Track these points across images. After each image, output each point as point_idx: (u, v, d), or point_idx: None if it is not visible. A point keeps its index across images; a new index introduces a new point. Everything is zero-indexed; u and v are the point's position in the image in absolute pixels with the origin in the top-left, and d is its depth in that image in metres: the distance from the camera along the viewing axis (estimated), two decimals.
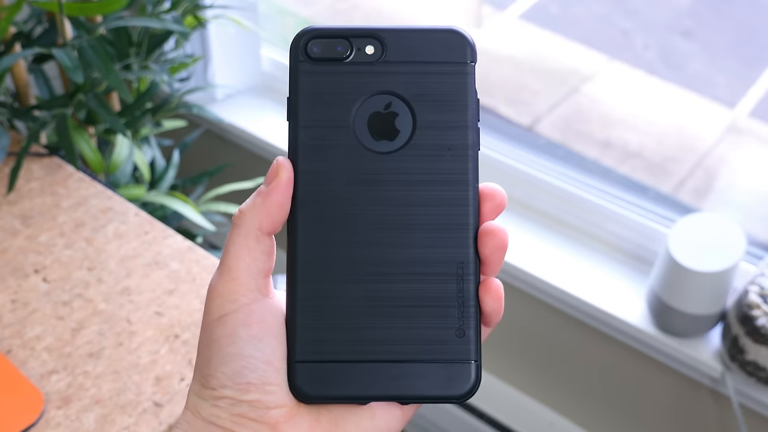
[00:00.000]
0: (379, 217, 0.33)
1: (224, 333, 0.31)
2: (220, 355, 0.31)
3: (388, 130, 0.33)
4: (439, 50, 0.34)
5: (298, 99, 0.33)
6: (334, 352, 0.32)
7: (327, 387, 0.32)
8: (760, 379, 0.97)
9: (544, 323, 1.22)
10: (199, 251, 0.75)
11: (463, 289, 0.33)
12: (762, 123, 1.53)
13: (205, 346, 0.32)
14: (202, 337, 0.32)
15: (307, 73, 0.33)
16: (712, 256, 0.97)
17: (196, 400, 0.32)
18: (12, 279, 0.71)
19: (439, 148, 0.33)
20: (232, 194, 1.21)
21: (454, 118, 0.34)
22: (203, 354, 0.32)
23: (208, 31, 1.37)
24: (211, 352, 0.31)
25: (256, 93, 1.50)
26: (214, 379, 0.31)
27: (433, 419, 1.39)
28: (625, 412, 1.22)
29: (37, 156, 0.86)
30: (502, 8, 1.85)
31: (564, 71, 1.66)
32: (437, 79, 0.34)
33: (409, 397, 0.32)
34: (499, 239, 0.33)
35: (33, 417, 0.59)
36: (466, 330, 0.33)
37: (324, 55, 0.33)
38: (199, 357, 0.32)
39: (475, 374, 0.33)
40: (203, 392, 0.32)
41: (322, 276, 0.32)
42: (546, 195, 1.22)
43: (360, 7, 1.87)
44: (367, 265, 0.33)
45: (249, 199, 0.33)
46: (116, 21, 0.87)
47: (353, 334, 0.32)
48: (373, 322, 0.33)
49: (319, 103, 0.33)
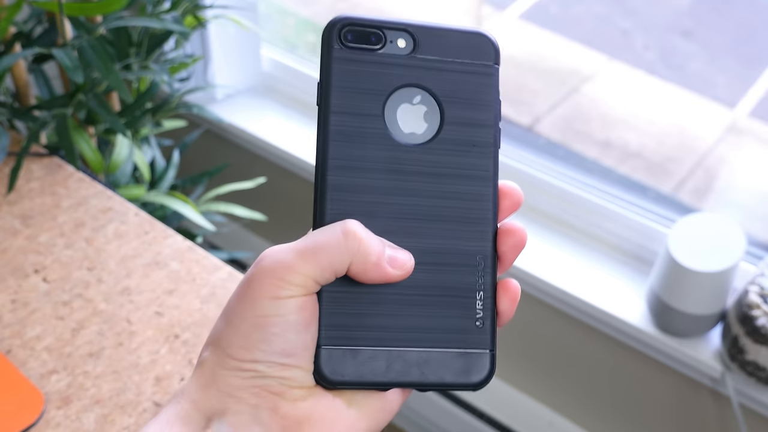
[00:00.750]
0: (405, 206, 0.33)
1: (274, 314, 0.31)
2: (263, 333, 0.31)
3: (416, 122, 0.34)
4: (467, 50, 0.35)
5: (331, 84, 0.33)
6: (358, 338, 0.32)
7: (350, 373, 0.32)
8: (760, 379, 0.97)
9: (544, 323, 1.22)
10: (199, 251, 0.75)
11: (483, 281, 0.34)
12: (762, 123, 1.53)
13: (245, 318, 0.31)
14: (243, 308, 0.32)
15: (340, 59, 0.33)
16: (712, 256, 0.97)
17: (214, 369, 0.32)
18: (12, 279, 0.71)
19: (465, 144, 0.34)
20: (232, 194, 1.21)
21: (480, 116, 0.34)
22: (240, 326, 0.32)
23: (208, 31, 1.37)
24: (254, 327, 0.31)
25: (256, 93, 1.50)
26: (247, 352, 0.31)
27: (433, 419, 1.39)
28: (625, 411, 1.22)
29: (37, 156, 0.86)
30: (502, 8, 1.85)
31: (564, 71, 1.65)
32: (465, 78, 0.34)
33: (429, 384, 0.33)
34: (519, 238, 0.34)
35: (33, 417, 0.59)
36: (485, 320, 0.34)
37: (358, 44, 0.34)
38: (232, 327, 0.32)
39: (491, 363, 0.34)
40: (227, 362, 0.32)
41: None
42: (546, 195, 1.22)
43: (360, 7, 1.87)
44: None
45: (371, 237, 0.32)
46: (116, 21, 0.87)
47: (376, 321, 0.33)
48: (395, 309, 0.33)
49: (351, 90, 0.33)
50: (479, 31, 0.35)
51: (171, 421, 0.32)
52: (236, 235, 1.61)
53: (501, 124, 0.35)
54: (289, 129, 1.42)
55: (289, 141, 1.38)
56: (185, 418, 0.32)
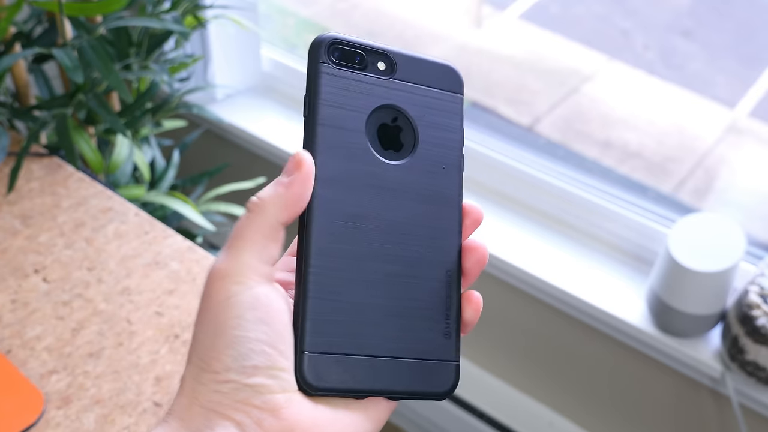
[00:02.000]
0: (384, 221, 0.35)
1: (230, 315, 0.31)
2: (226, 338, 0.31)
3: (393, 141, 0.36)
4: (438, 80, 0.37)
5: (318, 97, 0.35)
6: (340, 345, 0.33)
7: (331, 379, 0.32)
8: (760, 379, 0.97)
9: (544, 323, 1.22)
10: (199, 251, 0.75)
11: (451, 294, 0.36)
12: (762, 123, 1.53)
13: (206, 328, 0.31)
14: (203, 320, 0.32)
15: (327, 74, 0.35)
16: (712, 256, 0.97)
17: (193, 385, 0.31)
18: (12, 279, 0.71)
19: (437, 164, 0.37)
20: (232, 194, 1.21)
21: (449, 139, 0.37)
22: (204, 337, 0.31)
23: (208, 31, 1.37)
24: (215, 334, 0.31)
25: (256, 93, 1.50)
26: (217, 362, 0.31)
27: (433, 419, 1.39)
28: (625, 411, 1.22)
29: (37, 156, 0.86)
30: (502, 8, 1.85)
31: (564, 71, 1.65)
32: (436, 104, 0.37)
33: (402, 393, 0.34)
34: (480, 254, 0.36)
35: (33, 417, 0.59)
36: (452, 332, 0.36)
37: (343, 62, 0.35)
38: (197, 342, 0.32)
39: (456, 373, 0.35)
40: (203, 377, 0.31)
41: (332, 272, 0.33)
42: (546, 195, 1.22)
43: (360, 7, 1.87)
44: (371, 265, 0.34)
45: (269, 188, 0.33)
46: (116, 21, 0.87)
47: (357, 329, 0.33)
48: (375, 319, 0.34)
49: (336, 105, 0.35)
50: (448, 64, 0.38)
51: None
52: None
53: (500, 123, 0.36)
54: (289, 129, 1.42)
55: (289, 141, 1.38)
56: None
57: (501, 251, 1.16)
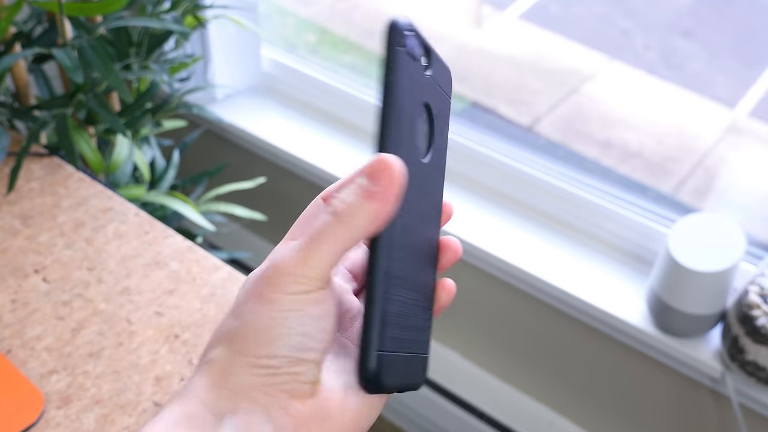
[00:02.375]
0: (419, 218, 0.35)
1: (294, 309, 0.31)
2: (282, 329, 0.31)
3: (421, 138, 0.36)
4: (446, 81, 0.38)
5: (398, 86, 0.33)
6: (402, 344, 0.34)
7: (394, 377, 0.33)
8: (760, 379, 0.97)
9: (544, 323, 1.22)
10: (199, 251, 0.75)
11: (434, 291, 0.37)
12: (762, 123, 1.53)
13: (261, 316, 0.32)
14: (257, 307, 0.32)
15: (403, 61, 0.33)
16: (712, 256, 0.97)
17: (225, 367, 0.32)
18: (12, 279, 0.71)
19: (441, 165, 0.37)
20: (232, 194, 1.21)
21: (445, 142, 0.38)
22: (257, 323, 0.31)
23: (208, 31, 1.37)
24: (270, 323, 0.31)
25: (256, 93, 1.50)
26: (265, 348, 0.31)
27: (433, 419, 1.39)
28: (625, 411, 1.22)
29: (37, 156, 0.86)
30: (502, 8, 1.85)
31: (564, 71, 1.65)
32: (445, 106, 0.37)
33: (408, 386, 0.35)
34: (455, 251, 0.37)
35: (33, 417, 0.59)
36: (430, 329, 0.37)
37: (412, 50, 0.34)
38: (244, 325, 0.32)
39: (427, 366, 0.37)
40: (240, 359, 0.31)
41: (394, 275, 0.34)
42: (546, 195, 1.22)
43: (360, 7, 1.87)
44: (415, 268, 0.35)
45: (355, 195, 0.32)
46: (116, 21, 0.87)
47: (406, 331, 0.34)
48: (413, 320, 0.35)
49: (408, 95, 0.34)
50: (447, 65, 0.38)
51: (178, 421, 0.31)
52: (236, 235, 1.61)
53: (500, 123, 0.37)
54: (289, 129, 1.42)
55: (289, 141, 1.38)
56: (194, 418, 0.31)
57: (501, 251, 1.16)
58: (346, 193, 0.32)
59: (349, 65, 1.67)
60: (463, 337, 1.35)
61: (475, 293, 1.27)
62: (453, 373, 1.36)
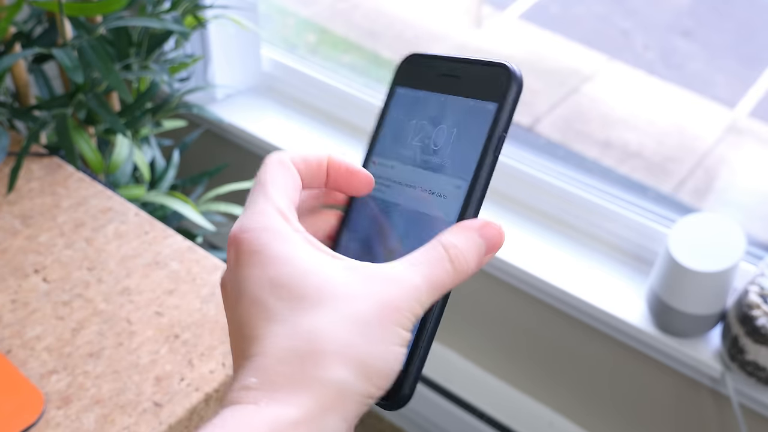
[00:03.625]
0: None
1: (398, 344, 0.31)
2: (395, 365, 0.31)
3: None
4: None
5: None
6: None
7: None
8: (760, 379, 0.97)
9: (544, 323, 1.22)
10: (199, 251, 0.75)
11: None
12: (762, 123, 1.53)
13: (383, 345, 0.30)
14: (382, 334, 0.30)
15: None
16: (712, 256, 0.97)
17: (349, 393, 0.29)
18: (12, 279, 0.71)
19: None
20: (232, 194, 1.21)
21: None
22: (382, 352, 0.30)
23: (208, 31, 1.37)
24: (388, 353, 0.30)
25: (256, 93, 1.50)
26: (384, 380, 0.30)
27: (433, 419, 1.39)
28: (625, 411, 1.22)
29: (37, 156, 0.86)
30: (502, 8, 1.85)
31: (564, 71, 1.65)
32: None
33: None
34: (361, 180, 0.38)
35: (33, 417, 0.59)
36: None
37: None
38: (372, 347, 0.30)
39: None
40: (364, 387, 0.30)
41: None
42: (546, 195, 1.22)
43: (360, 7, 1.87)
44: None
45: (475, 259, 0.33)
46: (116, 21, 0.87)
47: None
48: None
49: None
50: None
51: None
52: None
53: None
54: (289, 129, 1.42)
55: (289, 141, 1.38)
56: None
57: (501, 251, 1.16)
58: (468, 250, 0.32)
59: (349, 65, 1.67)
60: (463, 338, 1.35)
61: (475, 293, 1.27)
62: (453, 373, 1.36)
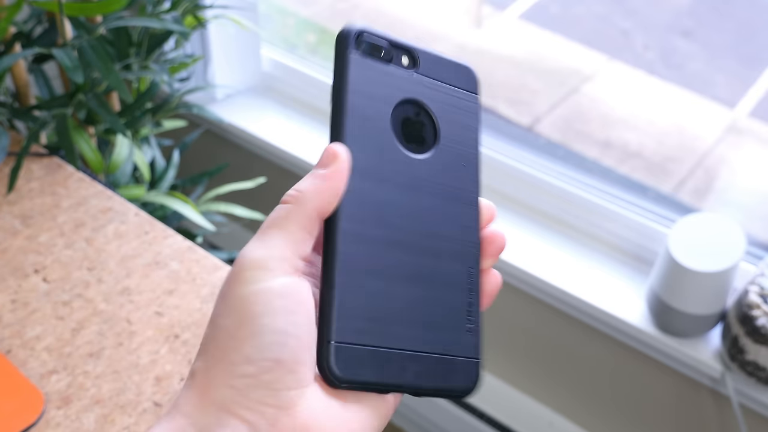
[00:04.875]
0: (409, 215, 0.35)
1: (259, 303, 0.30)
2: (252, 326, 0.30)
3: (416, 136, 0.36)
4: (457, 78, 0.38)
5: (347, 86, 0.35)
6: (367, 337, 0.32)
7: (358, 372, 0.32)
8: (760, 379, 0.97)
9: (544, 323, 1.22)
10: (199, 251, 0.75)
11: (472, 290, 0.36)
12: (762, 123, 1.53)
13: (229, 316, 0.30)
14: (227, 308, 0.31)
15: (355, 63, 0.35)
16: (712, 256, 0.97)
17: (205, 379, 0.30)
18: (12, 279, 0.71)
19: (457, 161, 0.37)
20: (232, 194, 1.21)
21: (468, 137, 0.38)
22: (225, 325, 0.30)
23: (208, 31, 1.37)
24: (240, 322, 0.30)
25: (256, 93, 1.50)
26: (237, 352, 0.29)
27: (433, 419, 1.39)
28: (625, 411, 1.22)
29: (37, 156, 0.86)
30: (502, 8, 1.85)
31: (564, 71, 1.65)
32: (456, 102, 0.38)
33: (426, 389, 0.34)
34: (500, 242, 0.37)
35: (33, 417, 0.59)
36: (474, 330, 0.35)
37: (371, 52, 0.35)
38: (216, 329, 0.31)
39: (478, 371, 0.35)
40: (217, 369, 0.30)
41: (359, 263, 0.33)
42: (546, 195, 1.22)
43: (360, 7, 1.87)
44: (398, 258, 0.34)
45: (306, 181, 0.33)
46: (116, 21, 0.87)
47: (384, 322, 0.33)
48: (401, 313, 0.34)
49: (363, 95, 0.35)
50: (467, 64, 0.39)
51: None
52: (236, 235, 1.61)
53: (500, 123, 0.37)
54: (289, 129, 1.42)
55: (289, 141, 1.38)
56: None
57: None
58: (298, 183, 0.33)
59: None
60: None
61: None
62: None
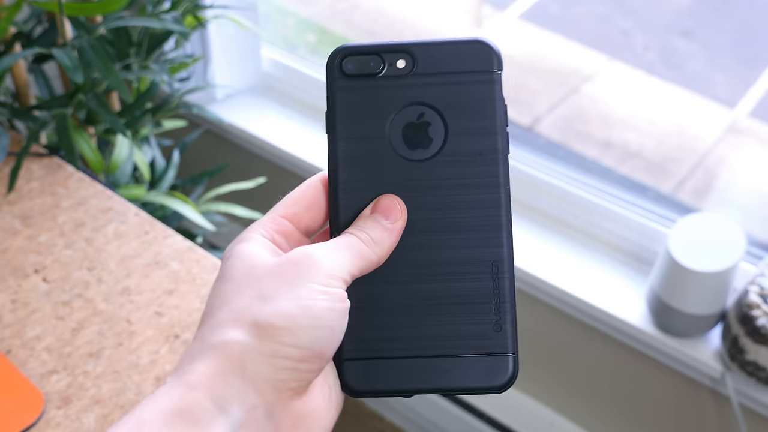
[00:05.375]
0: (418, 221, 0.35)
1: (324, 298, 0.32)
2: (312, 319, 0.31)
3: (422, 138, 0.36)
4: (466, 60, 0.36)
5: (336, 114, 0.35)
6: (380, 349, 0.34)
7: (374, 382, 0.34)
8: (760, 379, 0.97)
9: (545, 323, 1.22)
10: (199, 251, 0.75)
11: (498, 285, 0.35)
12: (762, 123, 1.53)
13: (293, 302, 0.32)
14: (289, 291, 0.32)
15: (343, 89, 0.35)
16: (712, 256, 0.97)
17: (246, 352, 0.31)
18: (12, 279, 0.71)
19: (471, 153, 0.35)
20: (232, 194, 1.21)
21: (484, 125, 0.35)
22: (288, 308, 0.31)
23: (208, 31, 1.37)
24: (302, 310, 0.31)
25: (256, 93, 1.50)
26: (292, 336, 0.31)
27: (433, 419, 1.39)
28: (625, 411, 1.22)
29: (37, 156, 0.86)
30: (502, 8, 1.85)
31: (564, 71, 1.65)
32: (466, 88, 0.36)
33: (452, 389, 0.34)
34: None
35: (33, 417, 0.59)
36: (503, 324, 0.35)
37: (358, 71, 0.35)
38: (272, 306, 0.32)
39: (513, 365, 0.35)
40: (264, 345, 0.31)
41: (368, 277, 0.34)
42: (546, 195, 1.22)
43: (360, 7, 1.87)
44: (408, 266, 0.35)
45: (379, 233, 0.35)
46: (116, 21, 0.87)
47: (397, 332, 0.34)
48: (415, 320, 0.34)
49: (355, 117, 0.35)
50: (478, 39, 0.36)
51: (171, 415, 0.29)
52: (236, 235, 1.61)
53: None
54: (289, 129, 1.42)
55: (289, 141, 1.38)
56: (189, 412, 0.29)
57: None
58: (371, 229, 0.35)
59: None
60: None
61: None
62: None
